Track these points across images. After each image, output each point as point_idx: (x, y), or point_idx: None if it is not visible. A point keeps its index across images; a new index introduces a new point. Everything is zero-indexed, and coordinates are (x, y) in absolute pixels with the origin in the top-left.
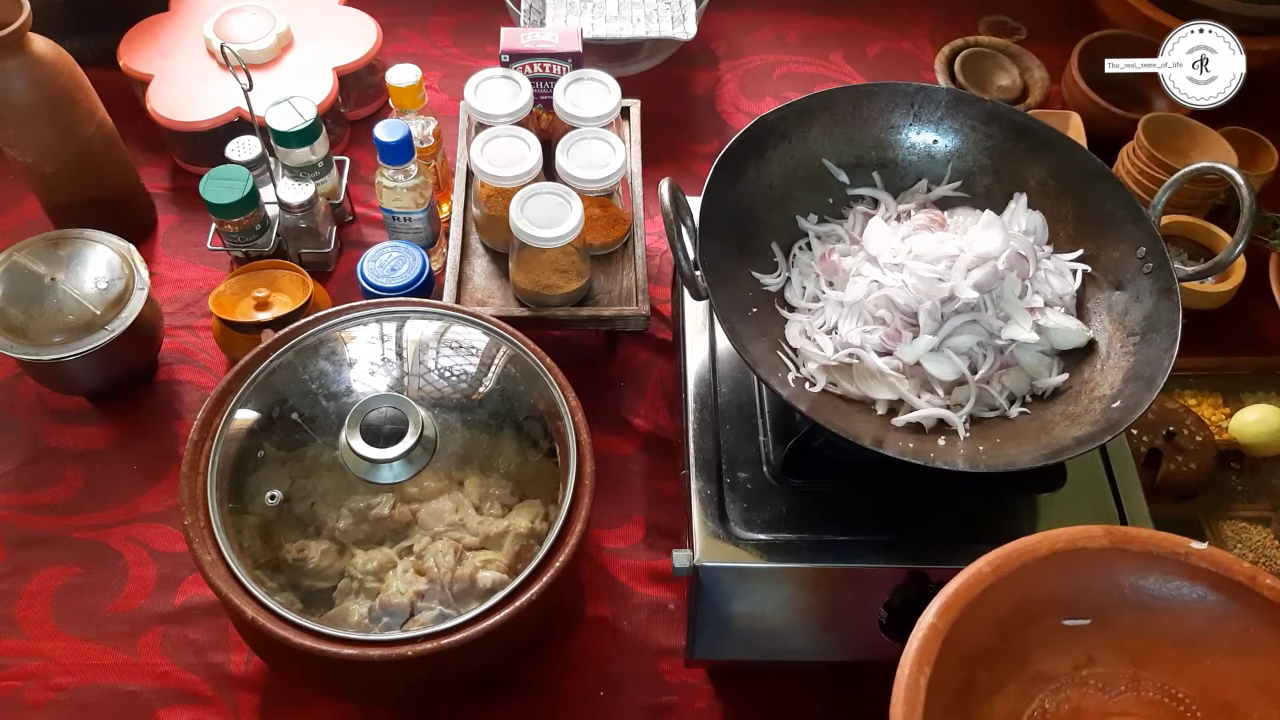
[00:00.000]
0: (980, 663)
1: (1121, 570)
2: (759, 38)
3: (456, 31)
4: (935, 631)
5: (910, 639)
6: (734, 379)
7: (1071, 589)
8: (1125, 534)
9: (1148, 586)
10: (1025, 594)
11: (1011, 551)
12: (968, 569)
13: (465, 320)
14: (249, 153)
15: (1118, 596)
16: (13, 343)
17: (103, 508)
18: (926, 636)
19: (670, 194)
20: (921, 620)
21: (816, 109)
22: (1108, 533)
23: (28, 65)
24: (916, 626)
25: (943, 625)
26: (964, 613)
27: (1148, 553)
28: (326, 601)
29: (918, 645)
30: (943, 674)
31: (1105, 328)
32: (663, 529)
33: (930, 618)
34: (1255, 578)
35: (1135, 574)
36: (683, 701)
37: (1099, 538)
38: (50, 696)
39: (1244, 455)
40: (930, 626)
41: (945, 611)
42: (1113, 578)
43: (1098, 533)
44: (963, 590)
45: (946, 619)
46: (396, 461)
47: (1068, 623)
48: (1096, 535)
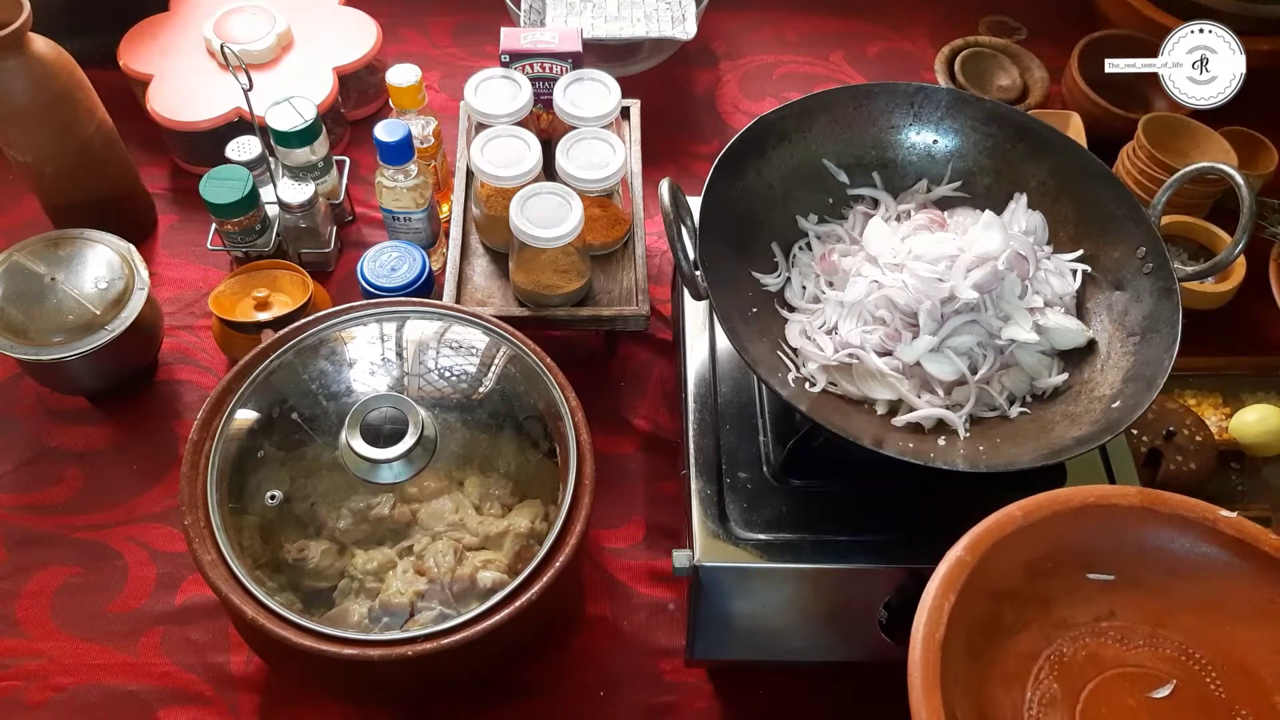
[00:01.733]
0: (1006, 600)
1: (1150, 530)
2: (759, 38)
3: (456, 31)
4: (962, 564)
5: (937, 570)
6: (734, 379)
7: (1099, 543)
8: (1156, 495)
9: (1174, 549)
10: (1054, 543)
11: (1043, 500)
12: (1000, 510)
13: (465, 320)
14: (249, 153)
15: (1144, 556)
16: (13, 343)
17: (103, 508)
18: (953, 567)
19: (670, 194)
20: (950, 552)
21: (816, 109)
22: (1140, 493)
23: (28, 65)
24: (945, 558)
25: (970, 559)
26: (992, 550)
27: (1177, 515)
28: (326, 601)
29: (944, 573)
30: (968, 605)
31: (1105, 328)
32: (663, 529)
33: (959, 550)
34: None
35: (1163, 535)
36: (683, 701)
37: (1131, 496)
38: (50, 696)
39: (1244, 455)
40: (957, 559)
41: (973, 547)
42: (1141, 537)
43: (1130, 492)
44: (993, 528)
45: (974, 553)
46: (396, 461)
47: (1092, 576)
48: (1129, 494)
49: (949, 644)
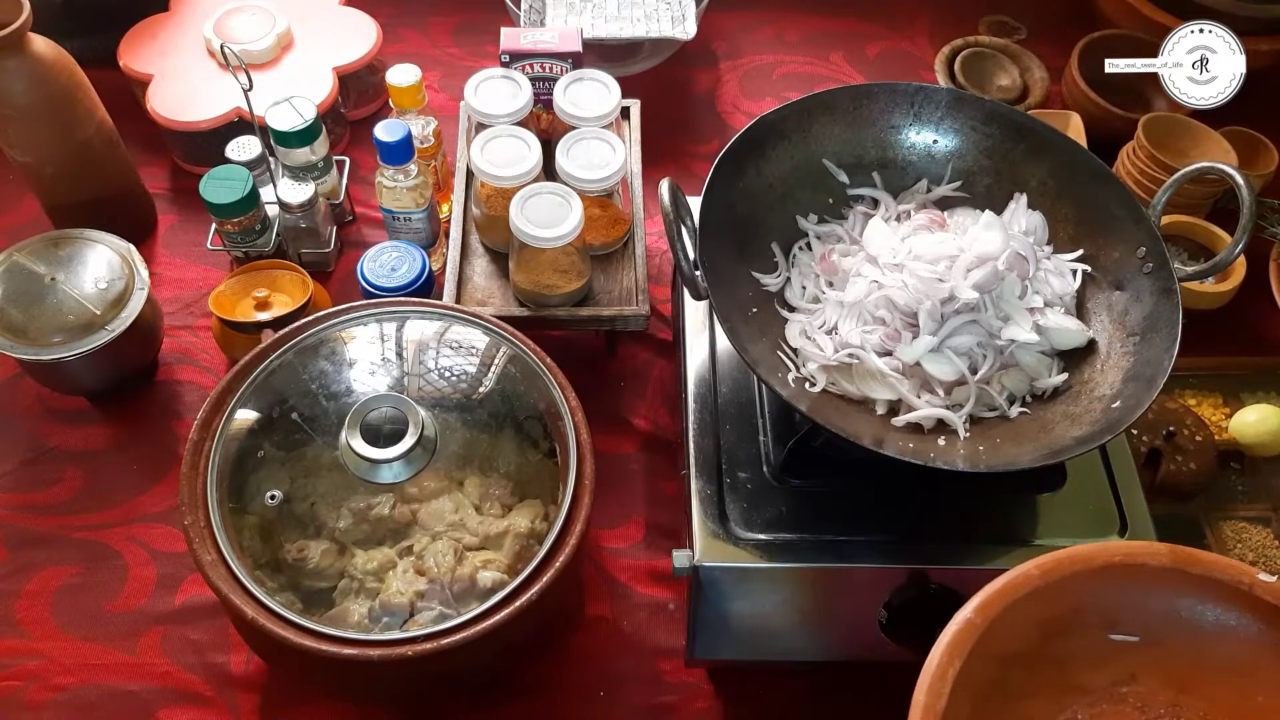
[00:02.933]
0: (1015, 664)
1: (1179, 592)
2: (759, 38)
3: (456, 31)
4: (971, 627)
5: (945, 630)
6: (734, 379)
7: (1123, 603)
8: (1189, 555)
9: (1204, 611)
10: (1072, 602)
11: (1063, 558)
12: (1015, 569)
13: (465, 320)
14: (249, 153)
15: (1171, 618)
16: (13, 343)
17: (103, 508)
18: (961, 630)
19: (670, 194)
20: (959, 613)
21: (816, 109)
22: (1171, 552)
23: (28, 65)
24: (953, 619)
25: (980, 621)
26: (1004, 612)
27: (1209, 577)
28: (326, 601)
29: (951, 637)
30: (973, 670)
31: (1105, 328)
32: (663, 529)
33: (968, 612)
34: None
35: (1193, 597)
36: (683, 701)
37: (1161, 555)
38: (50, 696)
39: (1244, 455)
40: (966, 621)
41: (984, 608)
42: (1168, 598)
43: (1161, 550)
44: (1006, 589)
45: (985, 615)
46: (396, 461)
47: (1115, 637)
48: (1159, 553)
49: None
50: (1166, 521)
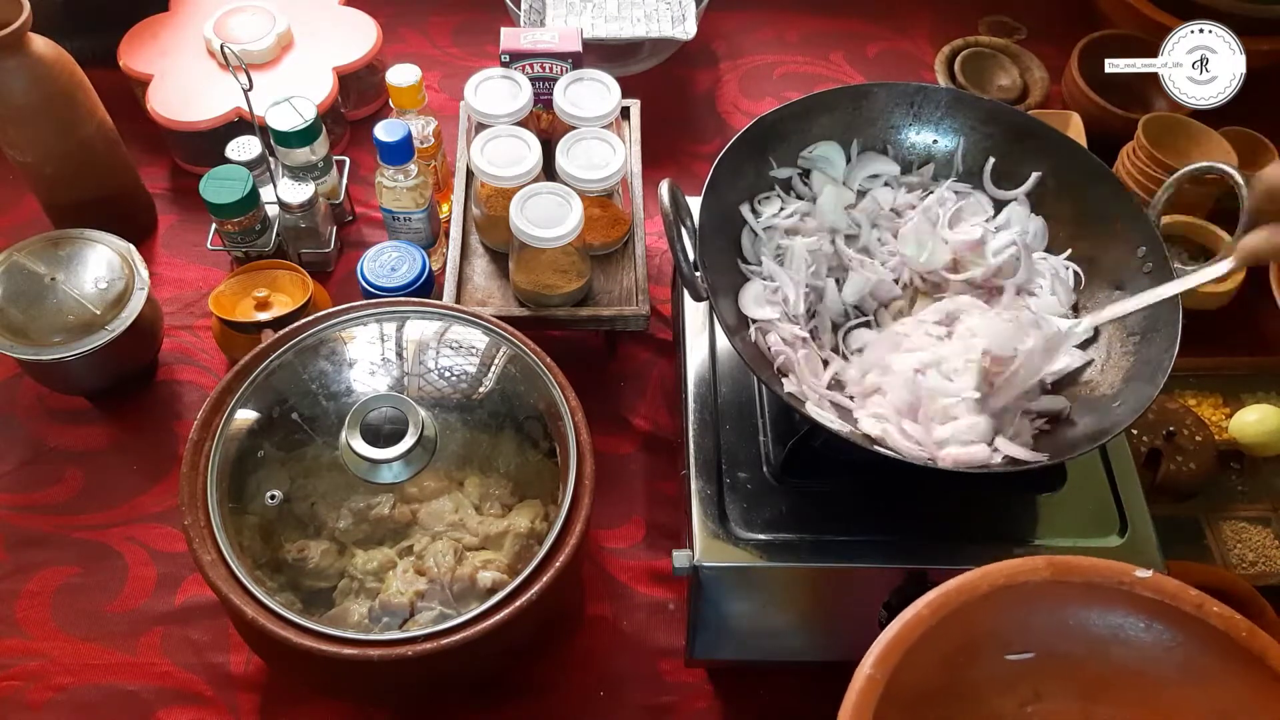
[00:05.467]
0: (926, 704)
1: (1064, 602)
2: (759, 38)
3: (456, 31)
4: (872, 683)
5: (848, 690)
6: (734, 379)
7: (1014, 624)
8: (1066, 564)
9: (1091, 618)
10: (967, 632)
11: (950, 591)
12: (904, 612)
13: (465, 320)
14: (249, 153)
15: (1062, 629)
16: (13, 343)
17: (103, 508)
18: (863, 689)
19: (670, 195)
20: (858, 671)
21: (816, 109)
22: (1049, 564)
23: (28, 65)
24: (854, 676)
25: (880, 675)
26: (904, 658)
27: (1089, 584)
28: (326, 601)
29: (855, 698)
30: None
31: (1105, 327)
32: (663, 529)
33: (866, 669)
34: (1203, 605)
35: (1078, 606)
36: (683, 701)
37: (1040, 570)
38: (50, 696)
39: (1244, 455)
40: (867, 678)
41: (883, 660)
42: (1055, 610)
43: (1039, 564)
44: (902, 636)
45: (884, 668)
46: (396, 461)
47: (1010, 658)
48: (1038, 568)
49: None
50: (1166, 521)
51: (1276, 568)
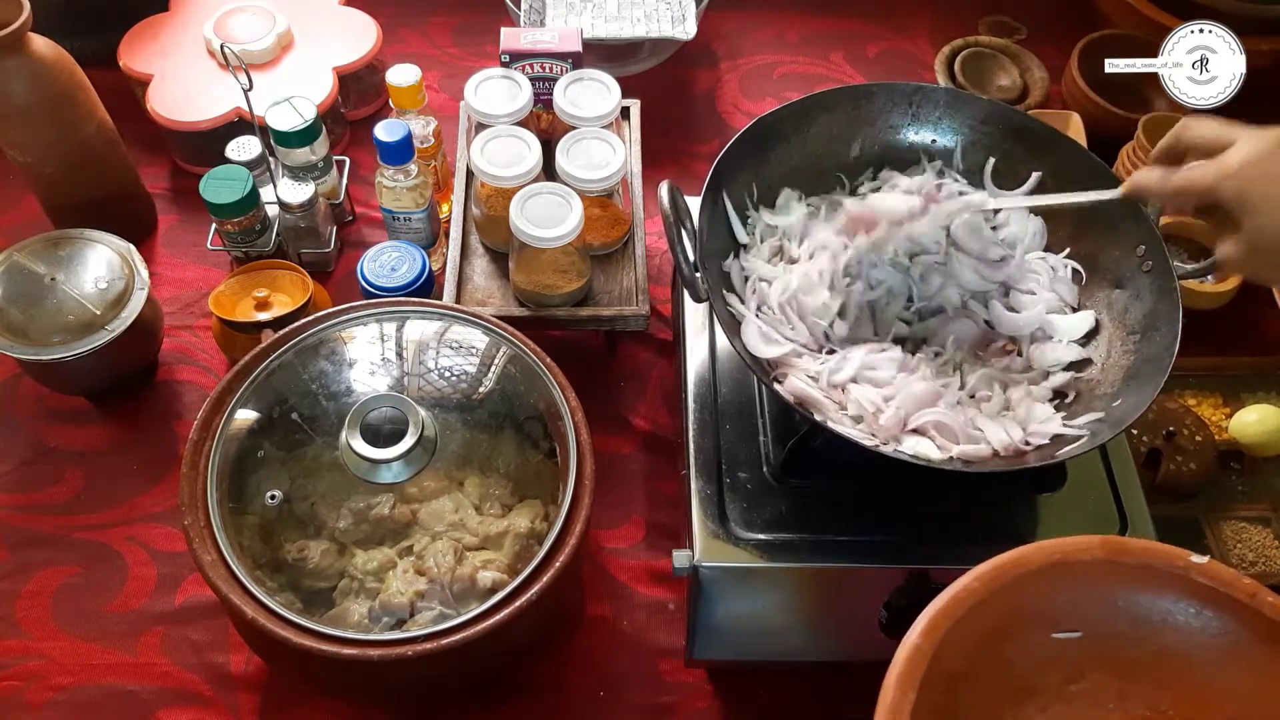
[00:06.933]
0: (964, 678)
1: (1116, 583)
2: (759, 38)
3: (456, 31)
4: (920, 653)
5: (894, 660)
6: (734, 379)
7: (1063, 602)
8: (1121, 545)
9: (1142, 600)
10: (1014, 607)
11: (1004, 564)
12: (954, 584)
13: (465, 320)
14: (249, 153)
15: (1110, 610)
16: (13, 343)
17: (103, 508)
18: (910, 658)
19: (670, 197)
20: (906, 640)
21: (816, 109)
22: (1103, 544)
23: (28, 65)
24: (901, 646)
25: (928, 646)
26: (950, 631)
27: (1144, 565)
28: (326, 601)
29: (901, 668)
30: (927, 696)
31: (1105, 326)
32: (663, 529)
33: (914, 638)
34: (1256, 594)
35: (1130, 587)
36: (683, 701)
37: (1094, 549)
38: (50, 696)
39: (1244, 455)
40: (914, 647)
41: (931, 631)
42: (1106, 590)
43: (1094, 543)
44: (950, 607)
45: (932, 639)
46: (396, 461)
47: (1058, 635)
48: (1092, 546)
49: None
50: (1166, 521)
51: (1276, 568)
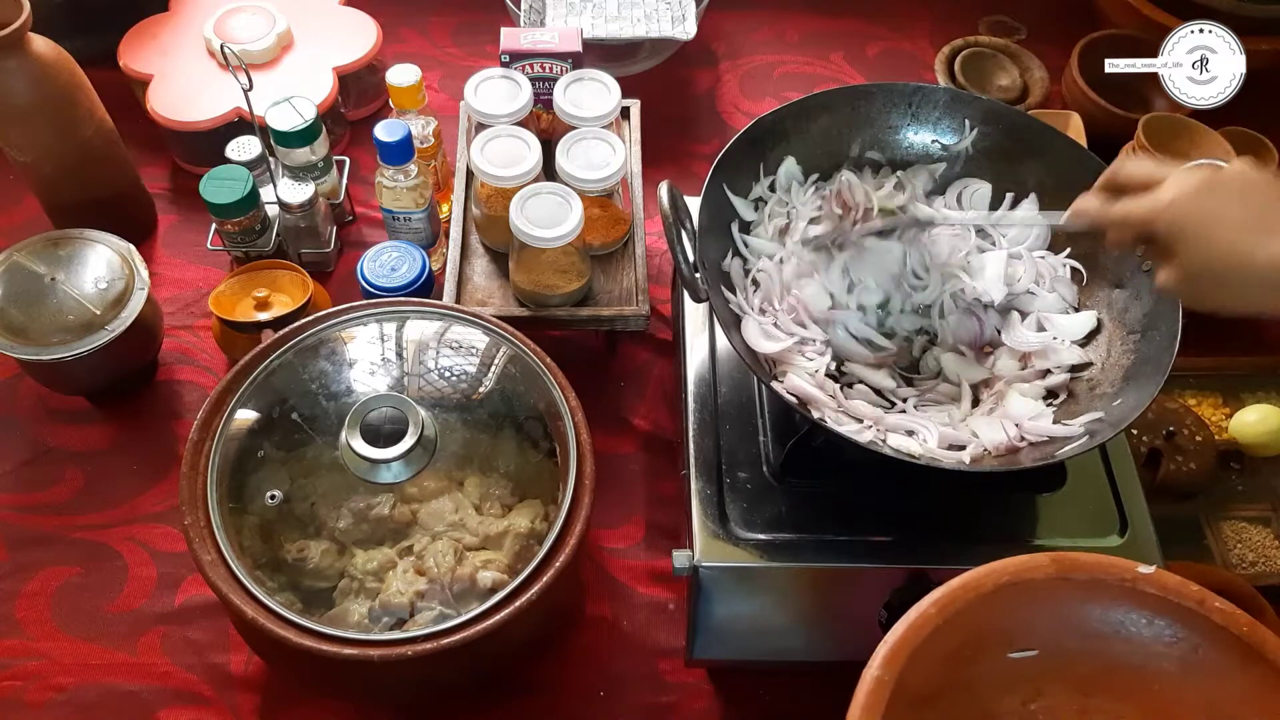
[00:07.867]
0: (929, 704)
1: (1067, 599)
2: (759, 38)
3: (456, 31)
4: (880, 685)
5: (855, 693)
6: (734, 379)
7: (1018, 621)
8: (1071, 561)
9: (1093, 614)
10: (972, 629)
11: (956, 589)
12: (911, 611)
13: (465, 320)
14: (249, 153)
15: (1064, 626)
16: (13, 343)
17: (103, 508)
18: (871, 690)
19: (670, 197)
20: (866, 672)
21: (815, 109)
22: (1054, 561)
23: (28, 65)
24: (861, 678)
25: (888, 676)
26: (910, 659)
27: (1094, 580)
28: (326, 601)
29: (863, 700)
30: None
31: (1105, 325)
32: (663, 529)
33: (874, 670)
34: (1204, 601)
35: (1081, 602)
36: (683, 701)
37: (1045, 567)
38: (50, 696)
39: (1244, 455)
40: (875, 680)
41: (890, 661)
42: (1058, 607)
43: (1044, 561)
44: (909, 635)
45: (892, 669)
46: (396, 461)
47: (1014, 655)
48: (1043, 564)
49: None
50: (1166, 521)
51: (1276, 568)
